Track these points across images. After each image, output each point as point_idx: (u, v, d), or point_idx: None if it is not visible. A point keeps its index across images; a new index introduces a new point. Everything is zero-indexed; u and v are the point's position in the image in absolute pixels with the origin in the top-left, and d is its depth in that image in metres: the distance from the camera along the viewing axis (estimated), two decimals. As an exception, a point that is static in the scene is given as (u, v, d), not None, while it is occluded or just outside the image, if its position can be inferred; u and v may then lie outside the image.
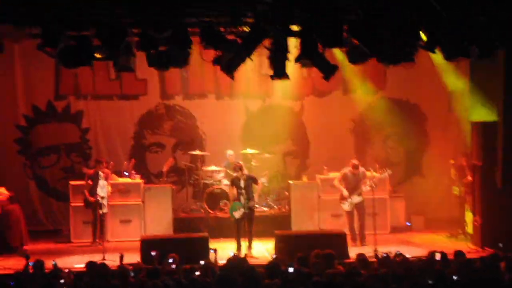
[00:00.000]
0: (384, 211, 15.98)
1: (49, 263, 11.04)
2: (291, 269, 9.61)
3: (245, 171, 14.47)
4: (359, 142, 18.29)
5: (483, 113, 14.69)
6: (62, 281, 9.43)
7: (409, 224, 16.71)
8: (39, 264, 10.55)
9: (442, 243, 14.84)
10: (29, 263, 10.54)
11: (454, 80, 16.25)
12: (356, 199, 14.79)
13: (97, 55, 12.54)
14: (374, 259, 11.91)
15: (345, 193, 14.78)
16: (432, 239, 15.57)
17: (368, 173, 15.00)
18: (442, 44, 12.38)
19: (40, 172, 17.71)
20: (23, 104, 17.56)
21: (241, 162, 14.83)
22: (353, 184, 14.80)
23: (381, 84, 18.15)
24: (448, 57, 12.68)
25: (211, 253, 11.90)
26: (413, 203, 17.26)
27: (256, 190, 14.34)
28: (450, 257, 10.89)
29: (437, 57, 13.26)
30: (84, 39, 12.11)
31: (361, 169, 14.90)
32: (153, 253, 11.59)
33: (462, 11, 11.97)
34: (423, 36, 12.30)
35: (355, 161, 15.02)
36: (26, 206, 16.48)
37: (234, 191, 14.15)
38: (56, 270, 10.47)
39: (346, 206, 14.89)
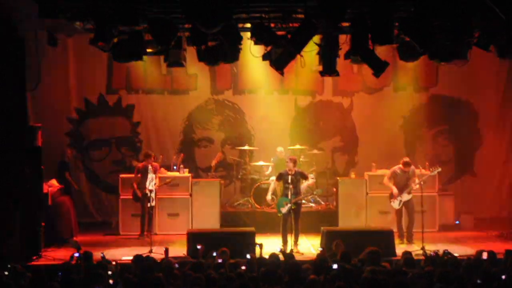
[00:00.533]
0: (432, 209, 15.81)
1: (97, 255, 11.21)
2: (335, 266, 9.59)
3: (295, 167, 14.33)
4: (409, 139, 18.12)
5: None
6: (109, 272, 9.53)
7: (458, 222, 16.51)
8: (88, 256, 10.70)
9: (492, 243, 14.62)
10: (75, 254, 10.69)
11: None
12: (406, 197, 14.62)
13: (149, 50, 12.70)
14: (421, 257, 11.82)
15: (395, 191, 14.62)
16: (481, 238, 15.34)
17: (417, 171, 14.84)
18: (496, 41, 12.19)
19: (91, 165, 17.95)
20: (75, 97, 17.82)
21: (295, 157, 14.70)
22: (403, 182, 14.62)
23: (433, 81, 17.98)
24: (502, 55, 12.48)
25: (257, 248, 11.93)
26: (463, 201, 17.06)
27: (304, 186, 14.28)
28: (500, 256, 10.75)
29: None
30: (136, 34, 12.24)
31: (412, 167, 14.73)
32: (198, 247, 11.67)
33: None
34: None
35: (406, 159, 14.76)
36: (76, 198, 16.73)
37: (280, 186, 14.07)
38: (104, 261, 10.62)
39: (396, 205, 14.71)
